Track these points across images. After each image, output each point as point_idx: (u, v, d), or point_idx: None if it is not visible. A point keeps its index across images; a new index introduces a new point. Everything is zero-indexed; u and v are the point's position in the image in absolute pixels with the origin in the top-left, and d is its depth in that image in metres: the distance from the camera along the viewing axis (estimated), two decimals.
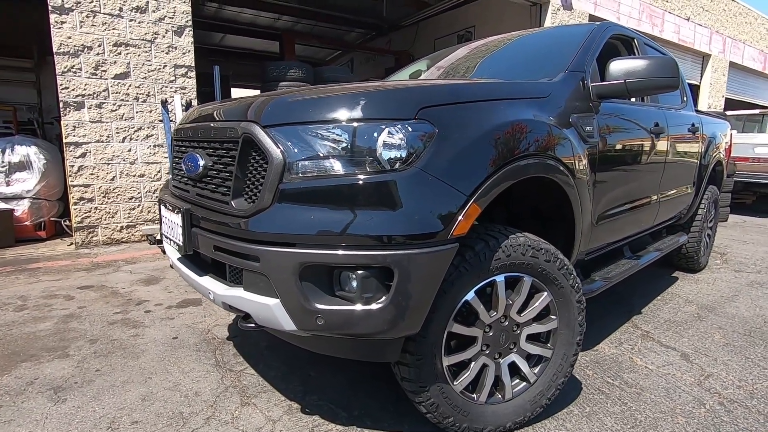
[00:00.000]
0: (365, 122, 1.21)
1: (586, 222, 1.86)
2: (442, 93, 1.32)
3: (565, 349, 1.62)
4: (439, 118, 1.25)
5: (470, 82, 1.48)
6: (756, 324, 2.65)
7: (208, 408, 1.69)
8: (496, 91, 1.49)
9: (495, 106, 1.41)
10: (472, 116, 1.32)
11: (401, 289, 1.18)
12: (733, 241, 5.06)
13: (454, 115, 1.28)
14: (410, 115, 1.22)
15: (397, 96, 1.27)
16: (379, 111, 1.22)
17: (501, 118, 1.39)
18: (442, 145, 1.23)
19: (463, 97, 1.34)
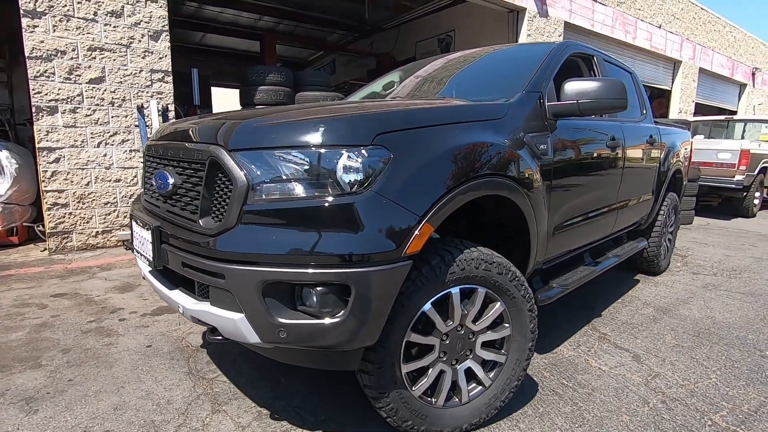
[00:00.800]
0: (325, 148, 1.29)
1: (541, 234, 1.98)
2: (397, 119, 1.41)
3: (518, 355, 1.74)
4: (395, 143, 1.34)
5: (426, 107, 1.57)
6: (705, 325, 2.83)
7: (180, 416, 1.75)
8: (451, 116, 1.59)
9: (449, 130, 1.51)
10: (426, 141, 1.42)
11: (358, 304, 1.27)
12: (695, 243, 5.31)
13: (409, 140, 1.38)
14: (367, 141, 1.31)
15: (355, 123, 1.35)
16: (339, 137, 1.31)
17: (454, 141, 1.49)
18: (397, 169, 1.33)
19: (417, 123, 1.44)
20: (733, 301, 3.28)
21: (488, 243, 1.91)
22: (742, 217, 7.48)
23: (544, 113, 2.02)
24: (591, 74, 2.76)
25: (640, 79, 3.48)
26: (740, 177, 6.74)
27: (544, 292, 2.18)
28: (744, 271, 4.10)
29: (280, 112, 1.57)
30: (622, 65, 3.30)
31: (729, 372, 2.24)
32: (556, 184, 2.05)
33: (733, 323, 2.87)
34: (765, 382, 2.16)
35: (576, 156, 2.22)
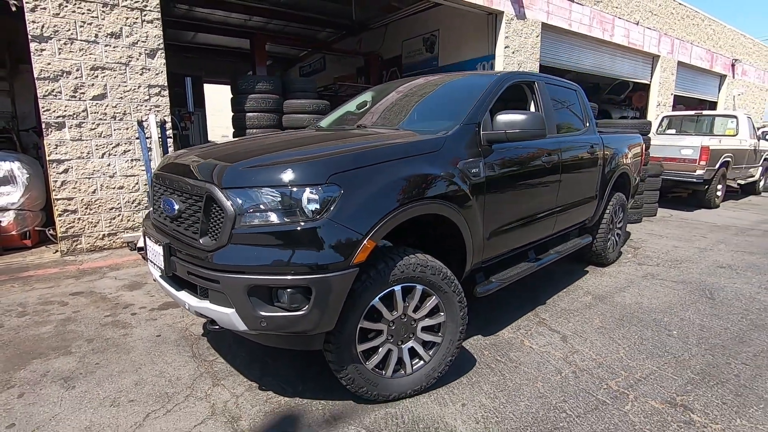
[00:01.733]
0: (292, 186, 1.75)
1: (476, 240, 2.45)
2: (347, 161, 1.86)
3: (452, 336, 2.22)
4: (344, 180, 1.80)
5: (372, 148, 2.02)
6: (631, 310, 3.33)
7: (187, 389, 2.23)
8: (393, 153, 2.04)
9: (391, 165, 1.97)
10: (369, 176, 1.87)
11: (317, 301, 1.74)
12: (651, 235, 5.81)
13: (355, 177, 1.84)
14: (323, 181, 1.77)
15: (315, 166, 1.81)
16: (303, 178, 1.76)
17: (394, 174, 1.95)
18: (346, 201, 1.79)
19: (363, 163, 1.89)
20: (664, 289, 3.78)
21: (436, 248, 2.39)
22: (705, 208, 8.00)
23: (479, 141, 2.48)
24: (533, 97, 3.21)
25: (584, 94, 3.93)
26: (701, 171, 7.23)
27: (483, 286, 2.66)
28: (685, 262, 4.61)
29: (261, 152, 2.02)
30: (566, 84, 3.75)
31: (635, 348, 2.75)
32: (490, 199, 2.51)
33: (655, 308, 3.38)
34: (662, 355, 2.66)
35: (508, 173, 2.68)
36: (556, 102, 3.45)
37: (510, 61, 8.52)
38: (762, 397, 2.25)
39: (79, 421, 1.98)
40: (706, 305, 3.44)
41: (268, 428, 1.95)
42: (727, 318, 3.21)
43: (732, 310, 3.34)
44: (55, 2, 4.27)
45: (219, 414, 2.04)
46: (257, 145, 2.24)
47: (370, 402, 2.11)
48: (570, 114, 3.67)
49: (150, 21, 4.77)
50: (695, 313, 3.29)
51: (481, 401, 2.17)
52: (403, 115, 2.97)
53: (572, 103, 3.72)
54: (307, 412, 2.06)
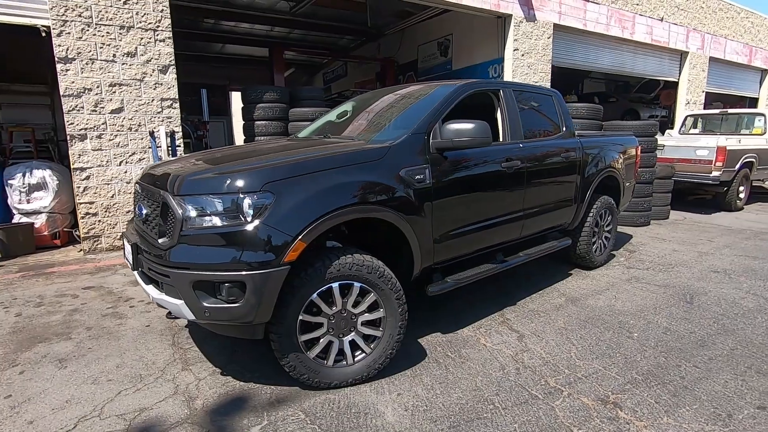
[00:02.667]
0: (231, 194, 2.00)
1: (424, 243, 2.61)
2: (280, 172, 2.09)
3: (392, 331, 2.40)
4: (277, 188, 2.03)
5: (311, 158, 2.23)
6: (601, 313, 3.37)
7: (159, 371, 2.53)
8: (333, 162, 2.25)
9: (325, 174, 2.17)
10: (303, 184, 2.09)
11: (251, 295, 1.97)
12: (654, 239, 5.70)
13: (289, 185, 2.06)
14: (258, 188, 2.01)
15: (251, 176, 2.04)
16: (240, 186, 2.01)
17: (328, 182, 2.16)
18: (278, 206, 2.01)
19: (298, 172, 2.11)
20: (643, 293, 3.77)
21: (390, 250, 2.58)
22: (726, 211, 7.67)
23: (427, 149, 2.64)
24: (498, 104, 3.33)
25: (562, 99, 3.98)
26: (717, 173, 6.96)
27: (437, 286, 2.81)
28: (678, 266, 4.53)
29: (216, 162, 2.29)
30: (540, 90, 3.83)
31: (589, 348, 2.81)
32: (439, 204, 2.66)
33: (626, 311, 3.39)
34: (612, 356, 2.72)
35: (460, 180, 2.82)
36: (525, 108, 3.54)
37: (519, 63, 8.52)
38: (699, 398, 2.29)
39: (63, 395, 2.31)
40: (681, 309, 3.42)
41: (218, 407, 2.20)
42: (697, 322, 3.19)
43: (706, 315, 3.31)
44: (78, 27, 4.77)
45: (180, 394, 2.31)
46: (220, 156, 2.52)
47: (313, 388, 2.32)
48: (543, 119, 3.74)
49: (162, 40, 5.21)
50: (665, 316, 3.29)
51: (417, 392, 2.33)
52: (367, 124, 3.17)
53: (546, 109, 3.79)
54: (256, 396, 2.30)
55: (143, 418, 2.11)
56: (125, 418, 2.12)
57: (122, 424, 2.07)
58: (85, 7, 4.79)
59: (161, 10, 5.17)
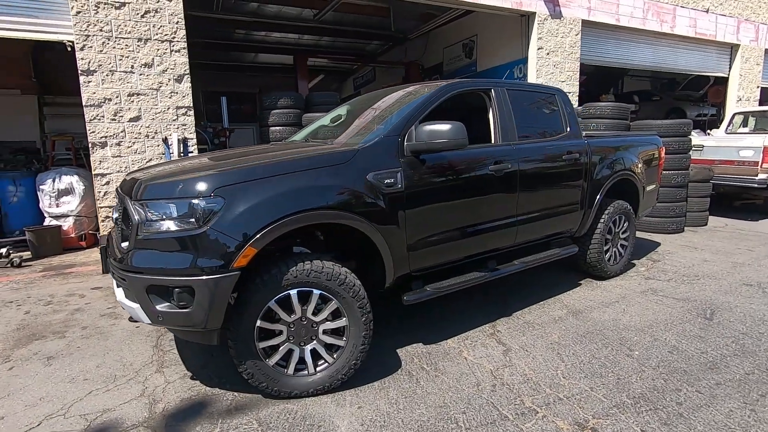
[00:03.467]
0: (182, 199, 2.00)
1: (396, 249, 2.51)
2: (231, 178, 2.06)
3: (355, 341, 2.31)
4: (227, 194, 2.01)
5: (264, 164, 2.19)
6: (602, 327, 3.11)
7: (133, 373, 2.58)
8: (292, 167, 2.20)
9: (280, 179, 2.13)
10: (254, 190, 2.05)
11: (200, 300, 1.96)
12: (685, 247, 5.24)
13: (239, 191, 2.03)
14: (209, 194, 1.99)
15: (202, 181, 2.03)
16: (191, 191, 2.00)
17: (282, 188, 2.11)
18: (228, 212, 1.99)
19: (252, 177, 2.08)
20: (657, 306, 3.45)
21: (363, 256, 2.50)
22: None
23: (400, 151, 2.54)
24: (490, 105, 3.16)
25: (567, 97, 3.73)
26: (764, 176, 6.33)
27: (413, 294, 2.69)
28: (705, 278, 4.12)
29: (181, 169, 2.30)
30: (543, 89, 3.62)
31: (580, 366, 2.59)
32: (414, 209, 2.55)
33: (632, 326, 3.11)
34: (604, 375, 2.49)
35: (439, 183, 2.69)
36: (522, 108, 3.35)
37: (544, 62, 8.18)
38: (693, 428, 2.03)
39: (39, 392, 2.39)
40: (696, 326, 3.10)
41: (177, 412, 2.20)
42: (712, 341, 2.87)
43: (725, 334, 2.98)
44: (99, 41, 5.05)
45: (145, 396, 2.34)
46: (188, 162, 2.54)
47: (273, 397, 2.28)
48: (543, 120, 3.53)
49: (177, 50, 5.42)
50: (676, 334, 2.98)
51: (379, 406, 2.23)
52: (353, 128, 3.11)
53: (548, 109, 3.57)
54: (216, 402, 2.29)
55: (103, 419, 2.14)
56: (87, 418, 2.16)
57: (82, 424, 2.12)
58: (106, 22, 5.06)
59: (176, 22, 5.38)
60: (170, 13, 5.34)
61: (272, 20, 10.96)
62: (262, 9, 10.31)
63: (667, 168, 5.73)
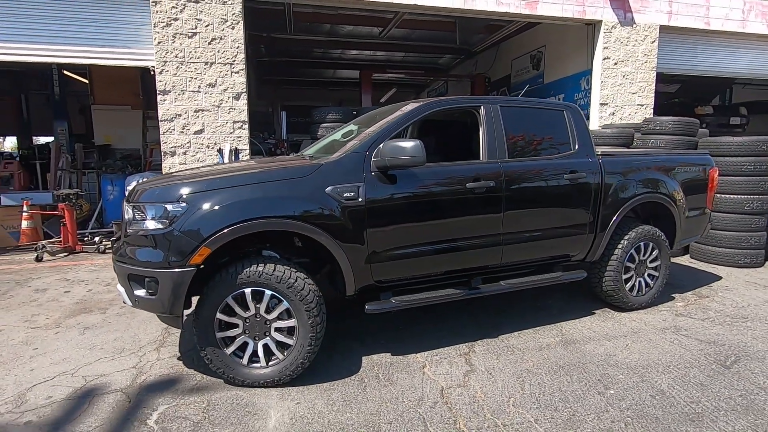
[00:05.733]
0: (156, 203, 2.38)
1: (356, 261, 2.65)
2: (194, 186, 2.39)
3: (303, 341, 2.49)
4: (190, 200, 2.34)
5: (226, 176, 2.49)
6: (588, 361, 2.89)
7: (137, 348, 3.04)
8: (246, 179, 2.48)
9: (237, 190, 2.41)
10: (214, 198, 2.35)
11: (162, 289, 2.31)
12: (750, 284, 4.52)
13: (200, 198, 2.35)
14: (176, 199, 2.35)
15: (172, 189, 2.40)
16: (163, 197, 2.39)
17: (239, 197, 2.38)
18: (189, 216, 2.32)
19: (214, 186, 2.40)
20: (669, 346, 3.09)
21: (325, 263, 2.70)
22: None
23: (366, 167, 2.69)
24: (479, 122, 3.15)
25: (580, 113, 3.51)
26: None
27: (376, 305, 2.80)
28: (752, 321, 3.55)
29: (175, 177, 2.72)
30: (549, 105, 3.48)
31: (537, 397, 2.46)
32: (375, 222, 2.67)
33: (624, 364, 2.84)
34: (560, 410, 2.34)
35: (407, 199, 2.76)
36: (519, 125, 3.26)
37: (611, 73, 7.60)
38: None
39: (65, 354, 2.96)
40: (705, 373, 2.73)
41: (151, 384, 2.58)
42: (714, 391, 2.52)
43: (736, 385, 2.59)
44: (174, 65, 5.94)
45: (136, 368, 2.76)
46: (189, 172, 2.96)
47: (230, 383, 2.54)
48: (545, 137, 3.39)
49: (237, 72, 6.13)
50: (674, 378, 2.66)
51: (315, 405, 2.38)
52: (330, 149, 3.28)
53: (553, 126, 3.41)
54: (187, 380, 2.62)
55: (96, 382, 2.60)
56: (86, 378, 2.63)
57: (81, 383, 2.59)
58: (180, 50, 5.93)
59: (237, 47, 6.10)
60: (232, 39, 6.07)
61: (345, 38, 11.66)
62: (335, 29, 11.04)
63: (738, 192, 5.01)
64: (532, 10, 7.11)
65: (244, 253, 2.65)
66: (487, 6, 6.92)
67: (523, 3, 7.06)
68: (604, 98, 7.66)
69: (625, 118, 7.74)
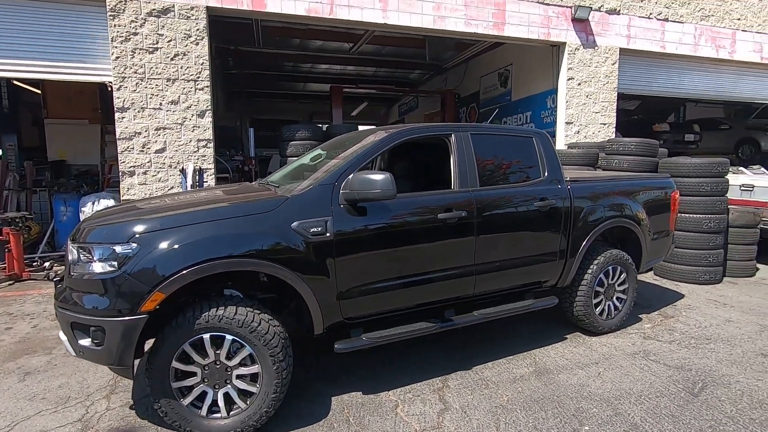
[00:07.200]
0: (104, 244, 2.18)
1: (325, 298, 2.52)
2: (148, 226, 2.21)
3: (267, 389, 2.33)
4: (143, 241, 2.16)
5: (185, 212, 2.33)
6: (562, 393, 2.85)
7: (85, 396, 2.78)
8: (208, 215, 2.32)
9: (196, 228, 2.24)
10: (170, 237, 2.18)
11: (110, 339, 2.10)
12: (711, 302, 4.66)
13: (155, 238, 2.17)
14: (126, 240, 2.16)
15: (122, 229, 2.21)
16: (112, 238, 2.19)
17: (198, 235, 2.22)
18: (142, 258, 2.13)
19: (170, 225, 2.22)
20: (639, 373, 3.10)
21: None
22: None
23: (334, 200, 2.57)
24: (450, 150, 3.10)
25: (549, 140, 3.54)
26: None
27: (346, 343, 2.67)
28: (717, 342, 3.64)
29: (122, 212, 2.52)
30: (518, 132, 3.51)
31: None
32: (344, 258, 2.55)
33: (598, 395, 2.82)
34: None
35: (377, 232, 2.66)
36: (489, 153, 3.24)
37: (575, 93, 7.83)
38: None
39: (1, 406, 2.67)
40: (675, 402, 2.74)
41: None
42: (685, 423, 2.52)
43: (704, 415, 2.60)
44: (133, 82, 5.66)
45: (81, 422, 2.51)
46: (139, 206, 2.76)
47: None
48: (515, 164, 3.38)
49: (201, 89, 5.92)
50: (645, 410, 2.66)
51: None
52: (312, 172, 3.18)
53: (522, 153, 3.42)
54: None
55: None
56: None
57: None
58: (140, 65, 5.67)
59: (201, 63, 5.89)
60: (196, 55, 5.86)
61: (316, 53, 11.57)
62: (305, 43, 10.93)
63: (697, 212, 5.20)
64: (499, 31, 7.25)
65: (203, 294, 2.46)
66: (457, 27, 7.01)
67: (491, 24, 7.19)
68: (569, 117, 7.87)
69: (590, 137, 7.98)
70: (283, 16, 6.28)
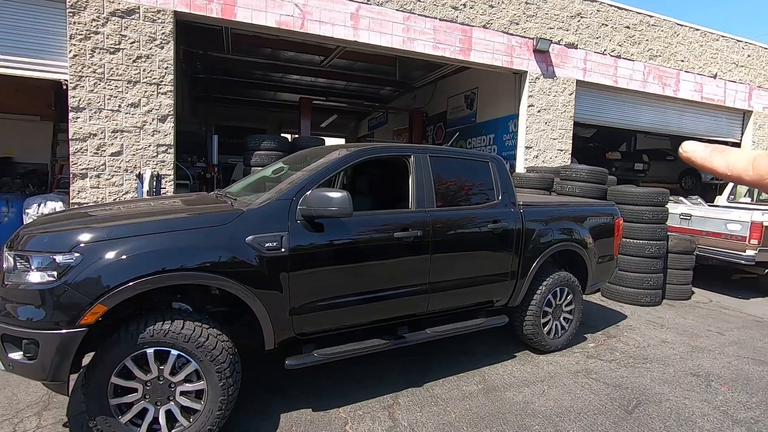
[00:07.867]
0: (43, 253, 2.09)
1: (277, 314, 2.51)
2: (95, 233, 2.15)
3: (212, 406, 2.28)
4: (85, 251, 2.09)
5: (128, 224, 2.28)
6: (508, 410, 2.94)
7: (13, 413, 2.61)
8: (153, 227, 2.27)
9: (143, 239, 2.19)
10: (116, 248, 2.12)
11: (44, 353, 2.00)
12: (649, 323, 4.96)
13: (98, 248, 2.10)
14: (67, 249, 2.08)
15: (64, 237, 2.13)
16: (53, 246, 2.10)
17: (141, 248, 2.17)
18: (84, 268, 2.06)
19: (117, 235, 2.16)
20: (580, 391, 3.25)
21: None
22: None
23: (291, 216, 2.59)
24: (409, 170, 3.19)
25: (504, 165, 3.71)
26: (752, 252, 5.99)
27: (297, 359, 2.66)
28: (652, 362, 3.87)
29: (63, 218, 2.42)
30: (475, 156, 3.65)
31: None
32: (299, 274, 2.56)
33: (541, 412, 2.93)
34: None
35: (334, 249, 2.70)
36: (447, 175, 3.36)
37: (535, 119, 8.22)
38: None
39: None
40: (610, 419, 2.89)
41: None
42: None
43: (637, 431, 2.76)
44: (91, 81, 5.46)
45: None
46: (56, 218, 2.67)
47: None
48: (471, 187, 3.52)
49: (164, 93, 5.78)
50: (584, 426, 2.78)
51: None
52: (271, 186, 3.18)
53: (479, 176, 3.56)
54: None
55: None
56: None
57: None
58: (100, 65, 5.49)
59: (166, 67, 5.77)
60: (161, 59, 5.74)
61: (287, 63, 11.55)
62: (276, 53, 10.90)
63: (639, 237, 5.54)
64: (465, 56, 7.54)
65: (149, 307, 2.40)
66: (425, 49, 7.23)
67: (458, 49, 7.47)
68: (529, 142, 8.23)
69: (548, 161, 8.36)
70: (253, 26, 6.27)
